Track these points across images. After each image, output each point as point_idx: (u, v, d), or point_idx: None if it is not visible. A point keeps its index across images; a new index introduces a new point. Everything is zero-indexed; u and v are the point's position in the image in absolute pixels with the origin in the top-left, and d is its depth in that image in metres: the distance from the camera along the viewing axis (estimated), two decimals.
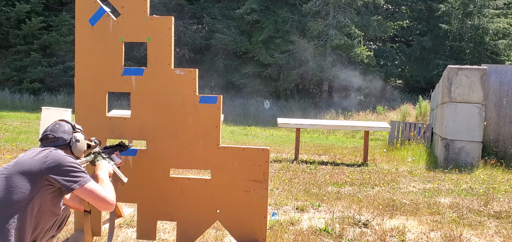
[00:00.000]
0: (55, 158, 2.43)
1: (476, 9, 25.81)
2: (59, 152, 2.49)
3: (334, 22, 25.23)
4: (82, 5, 3.47)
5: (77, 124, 2.88)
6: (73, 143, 2.68)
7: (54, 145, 2.61)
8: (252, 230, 3.43)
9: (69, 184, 2.42)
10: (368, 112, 22.22)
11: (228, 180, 3.43)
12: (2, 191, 2.34)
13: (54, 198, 2.48)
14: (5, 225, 2.27)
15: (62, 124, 2.71)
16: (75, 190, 2.43)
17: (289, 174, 7.43)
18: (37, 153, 2.47)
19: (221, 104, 3.44)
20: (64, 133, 2.67)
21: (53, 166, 2.41)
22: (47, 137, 2.63)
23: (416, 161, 9.49)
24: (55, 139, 2.63)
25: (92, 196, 2.47)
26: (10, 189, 2.34)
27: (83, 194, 2.46)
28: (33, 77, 24.25)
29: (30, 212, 2.36)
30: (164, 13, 25.03)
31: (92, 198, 2.47)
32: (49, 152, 2.47)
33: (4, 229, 2.26)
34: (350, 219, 4.59)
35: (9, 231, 2.27)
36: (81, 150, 2.73)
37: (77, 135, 2.72)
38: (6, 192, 2.34)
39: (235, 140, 12.99)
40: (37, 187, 2.37)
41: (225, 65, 26.97)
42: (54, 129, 2.66)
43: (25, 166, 2.40)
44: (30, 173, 2.38)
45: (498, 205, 5.60)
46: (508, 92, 9.62)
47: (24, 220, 2.34)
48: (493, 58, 24.91)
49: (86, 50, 3.48)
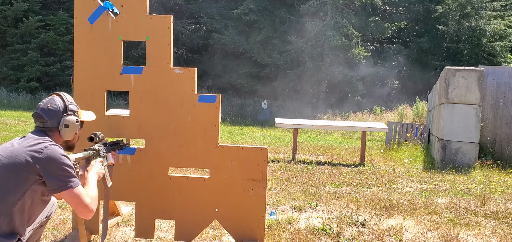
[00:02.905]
0: (49, 156, 2.34)
1: (473, 10, 25.89)
2: (55, 149, 2.38)
3: (332, 23, 25.26)
4: (81, 3, 3.47)
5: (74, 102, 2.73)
6: (61, 128, 2.56)
7: (43, 128, 2.52)
8: (250, 229, 3.44)
9: (57, 187, 2.34)
10: (365, 113, 22.26)
11: (226, 179, 3.44)
12: None
13: (45, 189, 2.42)
14: None
15: (55, 102, 2.57)
16: (61, 192, 2.36)
17: (287, 174, 7.45)
18: (32, 144, 2.37)
19: (220, 104, 3.45)
20: (55, 115, 2.55)
21: (46, 164, 2.32)
22: (38, 116, 2.53)
23: (413, 162, 9.52)
24: (44, 121, 2.52)
25: (76, 201, 2.38)
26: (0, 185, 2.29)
27: (67, 197, 2.37)
28: (30, 76, 24.20)
29: (21, 207, 2.32)
30: (162, 12, 25.01)
31: (75, 203, 2.38)
32: (44, 147, 2.36)
33: None
34: (348, 219, 4.60)
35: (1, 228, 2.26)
36: (71, 133, 2.60)
37: (68, 118, 2.57)
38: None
39: (233, 140, 13.00)
40: (29, 182, 2.31)
41: (223, 65, 26.98)
42: (46, 109, 2.54)
43: (17, 159, 2.31)
44: (22, 167, 2.30)
45: (495, 206, 5.62)
46: (505, 94, 9.66)
47: (15, 216, 2.30)
48: (490, 60, 24.99)
49: (85, 48, 3.48)
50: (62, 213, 4.43)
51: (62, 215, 4.36)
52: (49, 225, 4.01)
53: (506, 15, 27.15)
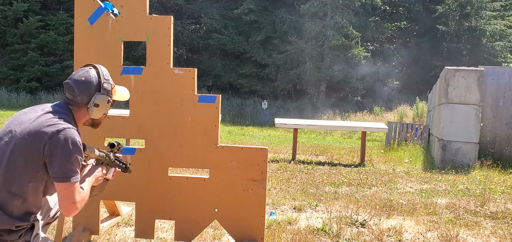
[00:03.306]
0: (61, 144, 2.15)
1: (473, 10, 25.91)
2: (68, 136, 2.18)
3: (332, 23, 25.27)
4: (81, 4, 3.48)
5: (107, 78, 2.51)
6: (90, 106, 2.38)
7: (71, 101, 2.35)
8: (250, 229, 3.44)
9: (56, 175, 2.17)
10: (365, 113, 22.27)
11: (226, 179, 3.44)
12: (4, 168, 2.15)
13: None
14: (9, 208, 2.14)
15: (90, 76, 2.38)
16: (58, 182, 2.19)
17: (287, 174, 7.45)
18: (48, 124, 2.18)
19: (220, 104, 3.45)
20: (86, 90, 2.36)
21: (53, 149, 2.15)
22: (69, 87, 2.34)
23: (413, 162, 9.52)
24: (74, 95, 2.34)
25: (66, 196, 2.19)
26: (13, 165, 2.14)
27: (61, 189, 2.19)
28: (30, 76, 24.20)
29: (34, 188, 2.19)
30: (162, 12, 25.02)
31: (65, 197, 2.19)
32: (57, 130, 2.17)
33: (8, 211, 2.13)
34: (348, 219, 4.60)
35: (13, 211, 2.14)
36: (99, 113, 2.44)
37: (99, 97, 2.39)
38: (10, 167, 2.15)
39: (233, 140, 13.00)
40: (40, 162, 2.17)
41: (223, 65, 26.99)
42: (79, 82, 2.34)
43: (30, 138, 2.16)
44: (34, 147, 2.15)
45: (494, 206, 5.63)
46: (505, 94, 9.66)
47: (29, 197, 2.18)
48: (490, 60, 25.01)
49: (85, 49, 3.49)
50: None
51: None
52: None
53: (506, 15, 27.18)
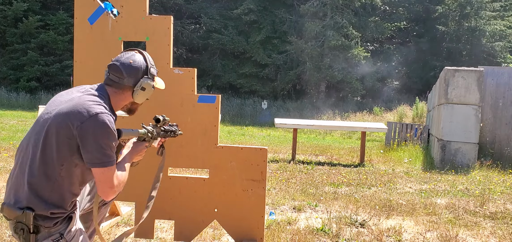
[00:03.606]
0: (93, 129, 2.08)
1: (473, 11, 25.92)
2: (102, 122, 2.10)
3: (332, 23, 25.27)
4: (81, 4, 3.48)
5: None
6: (137, 89, 2.34)
7: (115, 83, 2.29)
8: (250, 229, 3.45)
9: (90, 161, 2.11)
10: (365, 113, 22.27)
11: (226, 179, 3.44)
12: (41, 150, 2.10)
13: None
14: (45, 192, 2.08)
15: (138, 60, 2.35)
16: (93, 168, 2.13)
17: (286, 174, 7.45)
18: (81, 107, 2.11)
19: (220, 104, 3.46)
20: (134, 74, 2.32)
21: (87, 136, 2.08)
22: (116, 69, 2.29)
23: (413, 162, 9.53)
24: (121, 77, 2.29)
25: (104, 180, 2.14)
26: (48, 147, 2.09)
27: (97, 173, 2.13)
28: (30, 76, 24.19)
29: (69, 173, 2.13)
30: (162, 12, 25.02)
31: (102, 182, 2.14)
32: (96, 113, 2.11)
33: (45, 196, 2.08)
34: (347, 219, 4.61)
35: (48, 196, 2.08)
36: (143, 97, 2.39)
37: (147, 81, 2.36)
38: (45, 149, 2.09)
39: (232, 140, 13.00)
40: (74, 145, 2.11)
41: (223, 65, 26.99)
42: (127, 65, 2.31)
43: (63, 120, 2.09)
44: (67, 129, 2.08)
45: (494, 206, 5.63)
46: (505, 94, 9.67)
47: (64, 182, 2.12)
48: (489, 60, 25.02)
49: (85, 49, 3.49)
50: None
51: None
52: None
53: (505, 15, 27.18)
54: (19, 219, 2.03)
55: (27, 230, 2.02)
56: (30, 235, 2.03)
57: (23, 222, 2.02)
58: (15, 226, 2.05)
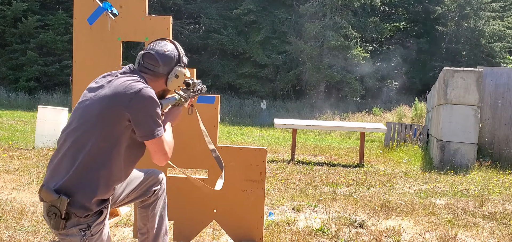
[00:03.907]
0: (142, 101, 2.17)
1: (472, 11, 25.94)
2: (148, 93, 2.20)
3: (331, 24, 25.29)
4: (80, 4, 3.48)
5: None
6: (171, 77, 2.43)
7: (151, 72, 2.37)
8: (249, 229, 3.45)
9: (146, 134, 2.20)
10: (364, 113, 22.29)
11: (225, 180, 3.44)
12: (84, 135, 2.15)
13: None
14: (83, 178, 2.12)
15: (170, 49, 2.43)
16: (148, 140, 2.22)
17: (286, 175, 7.46)
18: (126, 86, 2.19)
19: (219, 105, 3.46)
20: (169, 62, 2.41)
21: (138, 109, 2.16)
22: (151, 57, 2.37)
23: (412, 162, 9.54)
24: (156, 65, 2.37)
25: (158, 150, 2.26)
26: (92, 131, 2.14)
27: (151, 145, 2.24)
28: (29, 76, 24.19)
29: (117, 152, 2.19)
30: (161, 12, 25.03)
31: (157, 152, 2.26)
32: (139, 88, 2.18)
33: (91, 177, 2.12)
34: (346, 220, 4.61)
35: (87, 184, 2.12)
36: (175, 85, 2.48)
37: (180, 69, 2.45)
38: (88, 133, 2.14)
39: (232, 140, 13.00)
40: (121, 125, 2.17)
41: (222, 65, 27.00)
42: (162, 53, 2.39)
43: (110, 102, 2.16)
44: (115, 110, 2.15)
45: (493, 207, 5.64)
46: (504, 95, 9.68)
47: (112, 163, 2.18)
48: (488, 61, 25.04)
49: (84, 49, 3.49)
50: None
51: None
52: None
53: (505, 16, 27.21)
54: (54, 203, 2.07)
55: (59, 215, 2.07)
56: (60, 221, 2.07)
57: (57, 207, 2.06)
58: (48, 209, 2.09)
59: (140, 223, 2.69)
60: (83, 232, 2.12)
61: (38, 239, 3.68)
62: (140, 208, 2.68)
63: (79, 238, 2.11)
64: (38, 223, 4.05)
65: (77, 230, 2.11)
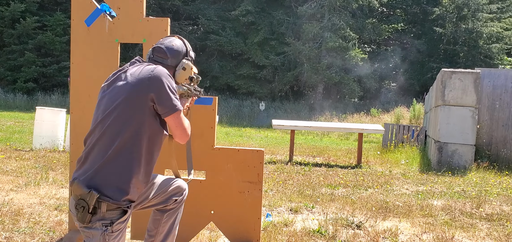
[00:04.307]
0: (160, 77, 2.30)
1: (470, 13, 26.00)
2: (164, 70, 2.36)
3: (329, 25, 25.33)
4: (78, 5, 3.48)
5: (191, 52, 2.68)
6: (179, 69, 2.56)
7: (162, 64, 2.48)
8: (246, 231, 3.45)
9: (168, 109, 2.31)
10: (363, 114, 22.31)
11: (222, 181, 3.45)
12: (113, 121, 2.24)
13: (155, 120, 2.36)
14: (114, 172, 2.20)
15: (178, 43, 2.59)
16: (170, 115, 2.33)
17: (284, 176, 7.46)
18: (143, 71, 2.32)
19: (216, 106, 3.46)
20: (177, 55, 2.56)
21: (158, 85, 2.28)
22: (160, 51, 2.52)
23: (410, 164, 9.55)
24: (165, 58, 2.51)
25: (179, 125, 2.40)
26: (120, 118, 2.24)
27: (173, 120, 2.36)
28: (27, 77, 24.16)
29: (145, 138, 2.28)
30: (160, 14, 25.04)
31: (178, 126, 2.40)
32: (154, 67, 2.34)
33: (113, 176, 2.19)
34: (344, 221, 4.62)
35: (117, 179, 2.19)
36: (182, 78, 2.60)
37: (187, 62, 2.59)
38: (117, 121, 2.23)
39: (230, 141, 13.01)
40: (146, 107, 2.27)
41: (220, 66, 27.01)
42: (170, 47, 2.54)
43: (134, 86, 2.27)
44: (138, 93, 2.27)
45: (490, 208, 5.65)
46: (501, 96, 9.70)
47: (140, 149, 2.26)
48: (486, 62, 25.10)
49: (81, 51, 3.49)
50: (58, 215, 4.44)
51: (58, 217, 4.36)
52: (45, 226, 4.02)
53: (502, 17, 27.28)
54: (83, 197, 2.13)
55: (87, 209, 2.12)
56: (87, 214, 2.13)
57: (86, 200, 2.12)
58: (77, 203, 2.14)
59: (151, 225, 2.72)
60: (105, 227, 2.17)
61: (35, 241, 3.68)
62: (155, 211, 2.72)
63: (100, 232, 2.16)
64: (35, 225, 4.05)
65: (100, 224, 2.16)
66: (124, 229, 2.30)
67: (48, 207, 4.70)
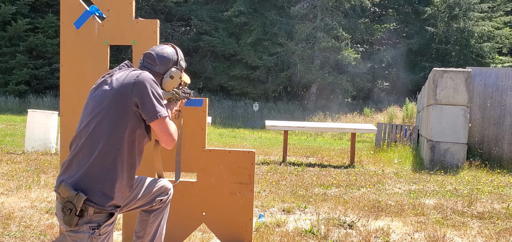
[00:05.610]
0: (144, 82, 2.31)
1: (461, 12, 26.17)
2: (148, 75, 2.37)
3: (322, 25, 25.39)
4: (67, 8, 3.46)
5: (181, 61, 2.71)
6: (166, 77, 2.58)
7: (150, 70, 2.51)
8: (238, 232, 3.45)
9: (151, 114, 2.31)
10: (356, 114, 22.38)
11: (214, 183, 3.44)
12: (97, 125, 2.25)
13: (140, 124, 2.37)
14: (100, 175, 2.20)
15: (169, 51, 2.61)
16: (153, 121, 2.33)
17: (277, 176, 7.46)
18: (127, 76, 2.35)
19: (207, 107, 3.46)
20: (166, 63, 2.58)
21: (141, 90, 2.29)
22: (150, 57, 2.55)
23: (402, 163, 9.59)
24: (153, 64, 2.53)
25: (164, 130, 2.38)
26: (104, 122, 2.25)
27: (157, 125, 2.35)
28: (19, 80, 24.02)
29: (128, 143, 2.29)
30: (152, 15, 24.97)
31: (163, 132, 2.38)
32: (140, 72, 2.36)
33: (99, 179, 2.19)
34: (336, 220, 4.62)
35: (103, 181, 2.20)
36: (170, 86, 2.62)
37: (175, 71, 2.61)
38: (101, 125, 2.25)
39: (223, 142, 13.00)
40: (129, 112, 2.28)
41: (214, 67, 26.99)
42: (161, 55, 2.56)
43: (118, 95, 2.29)
44: (124, 100, 2.28)
45: (481, 206, 5.68)
46: (492, 95, 9.76)
47: (123, 153, 2.27)
48: (478, 61, 25.27)
49: (71, 53, 3.47)
50: (49, 218, 4.41)
51: (49, 220, 4.34)
52: (36, 230, 3.99)
53: (493, 16, 27.48)
54: (70, 199, 2.13)
55: (74, 212, 2.11)
56: (74, 217, 2.12)
57: (73, 203, 2.12)
58: (64, 206, 2.14)
59: (138, 226, 2.73)
60: (93, 230, 2.18)
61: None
62: (141, 212, 2.72)
63: (87, 235, 2.16)
64: (26, 228, 4.02)
65: (87, 228, 2.16)
66: (111, 231, 2.30)
67: (39, 210, 4.67)
